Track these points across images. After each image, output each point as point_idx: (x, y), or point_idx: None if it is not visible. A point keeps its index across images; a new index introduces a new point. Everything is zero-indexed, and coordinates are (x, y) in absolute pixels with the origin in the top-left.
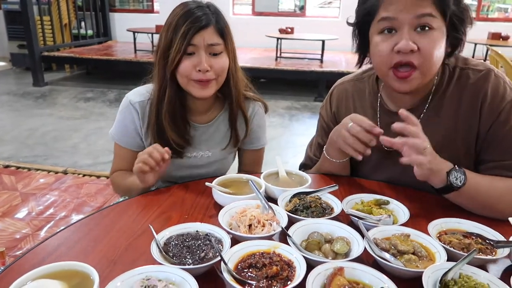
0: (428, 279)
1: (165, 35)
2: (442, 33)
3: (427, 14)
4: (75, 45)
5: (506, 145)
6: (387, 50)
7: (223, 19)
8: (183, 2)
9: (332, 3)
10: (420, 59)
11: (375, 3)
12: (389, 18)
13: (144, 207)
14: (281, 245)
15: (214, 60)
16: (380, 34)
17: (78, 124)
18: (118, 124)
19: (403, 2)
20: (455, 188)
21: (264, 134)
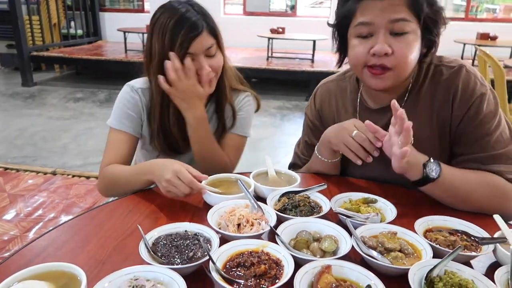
0: (414, 276)
1: (159, 44)
2: (416, 36)
3: (401, 19)
4: (64, 45)
5: (476, 139)
6: (364, 53)
7: (210, 17)
8: (166, 5)
9: (323, 3)
10: (394, 62)
11: (352, 8)
12: (365, 23)
13: (133, 208)
14: (270, 244)
15: (211, 60)
16: (358, 38)
17: (67, 125)
18: (118, 109)
19: (378, 7)
20: (430, 179)
21: (249, 125)
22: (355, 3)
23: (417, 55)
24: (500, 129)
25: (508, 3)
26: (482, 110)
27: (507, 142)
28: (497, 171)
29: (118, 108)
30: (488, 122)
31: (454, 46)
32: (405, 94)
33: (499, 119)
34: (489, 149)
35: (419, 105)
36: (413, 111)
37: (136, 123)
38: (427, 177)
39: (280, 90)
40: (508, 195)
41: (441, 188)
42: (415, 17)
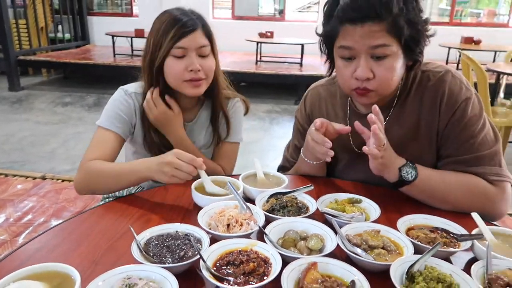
0: (396, 271)
1: (153, 41)
2: (397, 57)
3: (381, 45)
4: (52, 49)
5: (462, 141)
6: (348, 76)
7: (207, 24)
8: (166, 10)
9: (311, 8)
10: (375, 85)
11: (334, 30)
12: (347, 47)
13: (124, 210)
14: (258, 243)
15: (203, 61)
16: (342, 59)
17: (56, 129)
18: (109, 110)
19: (358, 33)
20: (406, 182)
21: (240, 130)
22: (337, 25)
23: (400, 71)
24: (485, 131)
25: (491, 8)
26: (467, 113)
27: (491, 144)
28: (480, 172)
29: (109, 109)
30: (473, 125)
31: (439, 50)
32: (393, 100)
33: (483, 122)
34: (473, 151)
35: (407, 110)
36: (402, 115)
37: (126, 126)
38: (403, 180)
39: (269, 94)
40: (488, 196)
41: (418, 189)
42: (396, 39)
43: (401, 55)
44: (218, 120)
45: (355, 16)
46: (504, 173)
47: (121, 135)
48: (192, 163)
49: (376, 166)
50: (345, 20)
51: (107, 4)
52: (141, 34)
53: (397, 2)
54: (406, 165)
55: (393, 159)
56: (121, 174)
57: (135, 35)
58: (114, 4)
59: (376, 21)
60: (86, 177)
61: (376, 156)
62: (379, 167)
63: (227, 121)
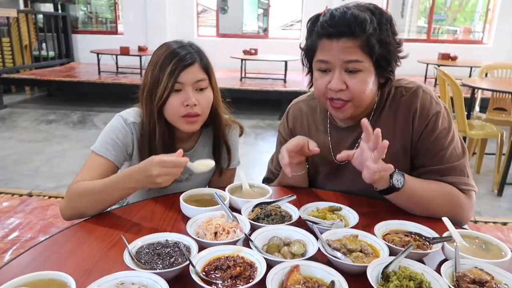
0: (372, 271)
1: (151, 74)
2: (369, 73)
3: (354, 60)
4: (36, 66)
5: (434, 152)
6: (323, 86)
7: (206, 56)
8: (165, 43)
9: (294, 26)
10: (349, 96)
11: (313, 44)
12: (323, 61)
13: (115, 222)
14: (244, 249)
15: (200, 95)
16: (318, 71)
17: (40, 147)
18: (105, 136)
19: (334, 48)
20: (396, 189)
21: (237, 154)
22: (316, 40)
23: (373, 86)
24: (454, 144)
25: (467, 25)
26: (438, 126)
27: (459, 156)
28: (452, 182)
29: (105, 135)
30: (443, 138)
31: (417, 66)
32: (369, 115)
33: (452, 135)
34: (444, 162)
35: (382, 124)
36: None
37: (120, 154)
38: (393, 187)
39: (253, 110)
40: (460, 203)
41: (404, 196)
42: (368, 56)
43: (373, 71)
44: (221, 152)
45: (332, 32)
46: (471, 183)
47: (114, 163)
48: (177, 165)
49: (372, 177)
50: (323, 35)
51: (92, 22)
52: (126, 51)
53: (371, 23)
54: (396, 172)
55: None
56: (108, 189)
57: (120, 53)
58: (99, 22)
59: (350, 38)
60: (71, 198)
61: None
62: (377, 177)
63: (228, 150)
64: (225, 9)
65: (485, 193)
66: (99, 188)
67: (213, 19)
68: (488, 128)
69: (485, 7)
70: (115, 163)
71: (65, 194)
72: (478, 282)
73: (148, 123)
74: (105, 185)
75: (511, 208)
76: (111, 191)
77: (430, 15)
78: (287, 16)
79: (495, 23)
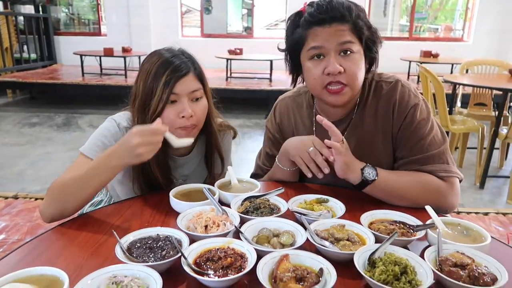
0: (359, 258)
1: (144, 84)
2: (361, 55)
3: (348, 41)
4: (17, 69)
5: (413, 143)
6: (319, 74)
7: (198, 64)
8: (155, 51)
9: (278, 25)
10: (347, 78)
11: (302, 35)
12: (317, 47)
13: (105, 219)
14: (235, 241)
15: (195, 105)
16: (311, 60)
17: (23, 150)
18: (98, 141)
19: (327, 32)
20: (369, 182)
21: (229, 157)
22: (305, 30)
23: (363, 71)
24: (433, 133)
25: (448, 24)
26: (416, 117)
27: (439, 144)
28: (431, 170)
29: (96, 138)
30: (422, 128)
31: (400, 64)
32: (353, 109)
33: (431, 125)
34: (424, 151)
35: (365, 117)
36: (361, 123)
37: None
38: (365, 180)
39: (240, 109)
40: (439, 190)
41: (379, 188)
42: (358, 39)
43: (363, 55)
44: (213, 158)
45: (323, 17)
46: (452, 169)
47: None
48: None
49: (340, 166)
50: (314, 23)
51: (74, 24)
52: (110, 52)
53: (356, 8)
54: (367, 166)
55: (354, 161)
56: (89, 174)
57: (104, 54)
58: (82, 23)
59: (341, 22)
60: (50, 195)
61: (338, 149)
62: (344, 166)
63: (221, 158)
64: (209, 10)
65: (468, 186)
66: (80, 175)
67: (197, 19)
68: (470, 122)
69: (465, 5)
70: None
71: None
72: (460, 265)
73: None
74: (86, 170)
75: (493, 200)
76: (93, 176)
77: (411, 13)
78: (271, 16)
79: (475, 21)
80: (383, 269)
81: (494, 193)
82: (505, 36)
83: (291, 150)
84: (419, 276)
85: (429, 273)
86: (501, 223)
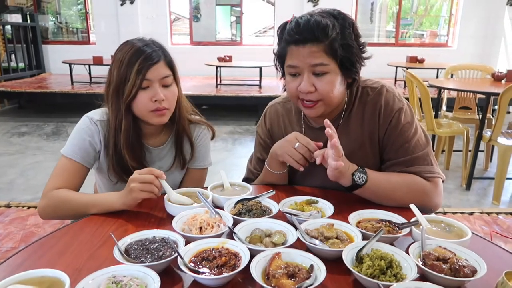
0: (347, 255)
1: (117, 72)
2: (336, 74)
3: (320, 63)
4: (5, 78)
5: (398, 146)
6: (294, 89)
7: (168, 53)
8: (128, 41)
9: (267, 32)
10: (318, 97)
11: (283, 50)
12: (293, 66)
13: (101, 223)
14: (229, 241)
15: (166, 91)
16: (289, 75)
17: (13, 160)
18: (75, 139)
19: (301, 53)
20: (359, 185)
21: (208, 155)
22: (285, 47)
23: (340, 87)
24: (417, 136)
25: (433, 29)
26: (401, 121)
27: (423, 146)
28: (417, 171)
29: (74, 137)
30: (406, 131)
31: (387, 69)
32: (340, 115)
33: (415, 128)
34: (409, 153)
35: (352, 122)
36: (348, 128)
37: (89, 155)
38: (356, 184)
39: (230, 116)
40: (425, 190)
41: (369, 191)
42: (333, 59)
43: (339, 72)
44: (183, 145)
45: (298, 38)
46: (436, 170)
47: (84, 165)
48: (151, 172)
49: (334, 174)
50: (290, 42)
51: (63, 33)
52: (99, 61)
53: (333, 28)
54: (358, 171)
55: (347, 165)
56: (90, 205)
57: (93, 63)
58: (70, 32)
59: (315, 43)
60: (51, 204)
61: (339, 167)
62: (337, 174)
63: (192, 145)
64: (198, 17)
65: (454, 188)
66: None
67: (186, 27)
68: (455, 126)
69: (449, 11)
70: (84, 165)
71: (42, 197)
72: (442, 259)
73: (115, 119)
74: (86, 203)
75: (479, 200)
76: (93, 207)
77: (397, 20)
78: (259, 23)
79: (458, 27)
80: (370, 264)
81: (480, 194)
82: (488, 41)
83: (278, 150)
84: (404, 270)
85: (413, 267)
86: (485, 222)
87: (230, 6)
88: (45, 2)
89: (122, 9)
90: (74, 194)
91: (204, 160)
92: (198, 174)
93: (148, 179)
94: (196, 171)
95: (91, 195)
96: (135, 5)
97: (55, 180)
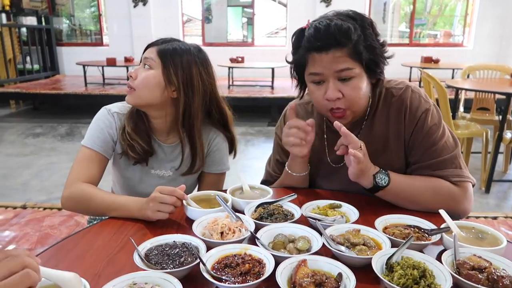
0: (377, 263)
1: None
2: (362, 77)
3: (345, 68)
4: (20, 80)
5: (424, 148)
6: (320, 98)
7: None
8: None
9: (279, 33)
10: (346, 103)
11: (302, 58)
12: (316, 73)
13: (119, 227)
14: (251, 247)
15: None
16: (312, 84)
17: (28, 161)
18: (93, 130)
19: (324, 60)
20: (380, 187)
21: (225, 159)
22: (305, 54)
23: (366, 90)
24: (445, 138)
25: (447, 29)
26: (427, 123)
27: (451, 149)
28: (444, 175)
29: (92, 128)
30: (433, 133)
31: (402, 69)
32: (364, 117)
33: (443, 130)
34: (436, 156)
35: (376, 124)
36: (372, 129)
37: (107, 144)
38: (377, 185)
39: (242, 117)
40: (452, 195)
41: (391, 193)
42: (358, 62)
43: (365, 75)
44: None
45: (320, 45)
46: (465, 174)
47: (103, 154)
48: (174, 194)
49: (355, 172)
50: (312, 49)
51: (76, 35)
52: (112, 63)
53: (355, 30)
54: (380, 172)
55: (369, 166)
56: (111, 208)
57: (106, 64)
58: (84, 34)
59: (338, 48)
60: (74, 198)
61: (359, 158)
62: (358, 172)
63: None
64: (209, 19)
65: (474, 191)
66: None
67: (198, 28)
68: (473, 127)
69: (464, 11)
70: (103, 155)
71: (66, 187)
72: (478, 268)
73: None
74: (109, 205)
75: (499, 204)
76: (113, 210)
77: (411, 20)
78: (272, 24)
79: (474, 27)
80: (401, 273)
81: (499, 197)
82: (505, 41)
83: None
84: (438, 279)
85: (447, 276)
86: (510, 226)
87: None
88: (60, 5)
89: (135, 11)
90: (98, 193)
91: (220, 164)
92: (215, 178)
93: (168, 200)
94: (213, 175)
95: (113, 197)
96: (147, 7)
97: (77, 170)
